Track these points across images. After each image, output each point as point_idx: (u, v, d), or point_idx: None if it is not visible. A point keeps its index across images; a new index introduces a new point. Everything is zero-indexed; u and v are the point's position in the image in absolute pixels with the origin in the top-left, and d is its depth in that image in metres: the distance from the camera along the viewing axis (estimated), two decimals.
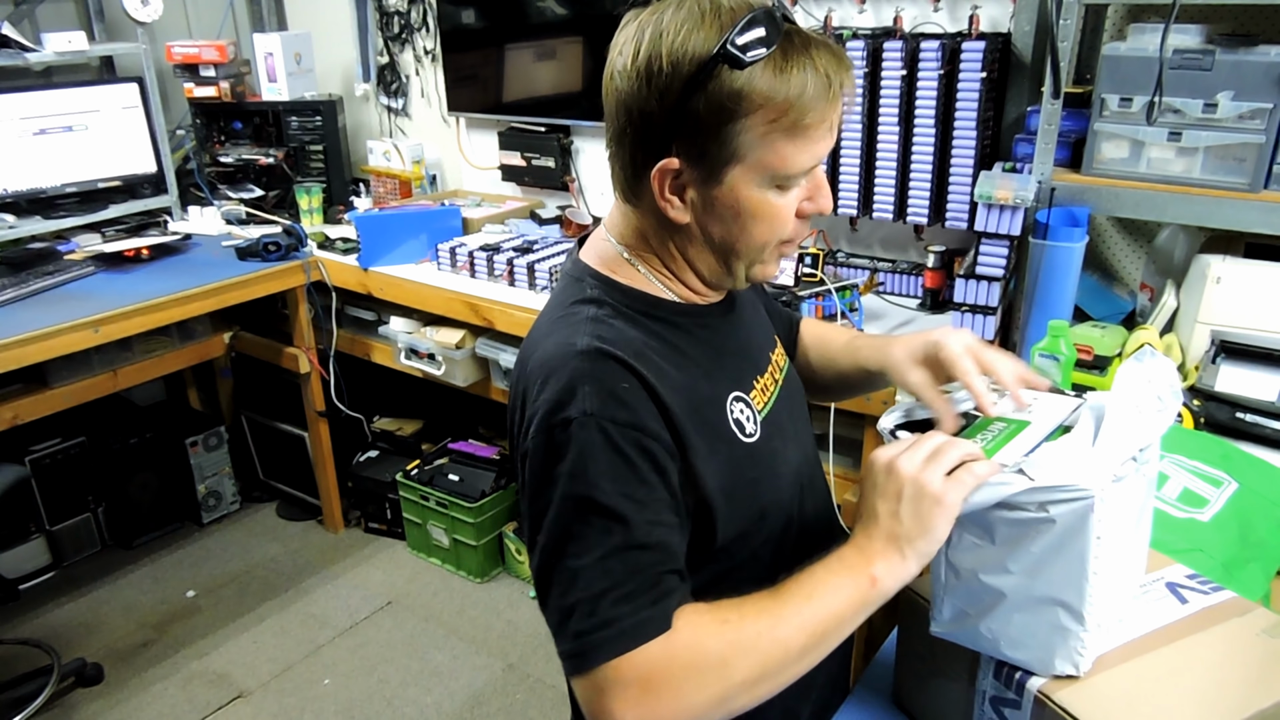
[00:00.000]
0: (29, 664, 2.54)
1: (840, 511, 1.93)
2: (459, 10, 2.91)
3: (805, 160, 0.83)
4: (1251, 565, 1.16)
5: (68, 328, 2.22)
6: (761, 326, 1.07)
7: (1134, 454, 0.81)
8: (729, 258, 0.89)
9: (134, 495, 3.09)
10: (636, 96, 0.81)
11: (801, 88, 0.79)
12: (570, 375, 0.81)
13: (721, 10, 0.80)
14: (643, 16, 0.82)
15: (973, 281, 1.75)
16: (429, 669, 2.57)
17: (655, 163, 0.83)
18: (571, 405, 0.80)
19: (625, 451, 0.79)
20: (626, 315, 0.89)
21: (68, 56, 2.77)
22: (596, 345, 0.83)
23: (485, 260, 2.47)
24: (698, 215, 0.86)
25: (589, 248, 0.96)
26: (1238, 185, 1.61)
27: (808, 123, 0.80)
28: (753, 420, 0.93)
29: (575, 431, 0.79)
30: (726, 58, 0.78)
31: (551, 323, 0.90)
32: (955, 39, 1.94)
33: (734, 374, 0.95)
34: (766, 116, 0.80)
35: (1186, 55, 1.58)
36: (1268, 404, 1.49)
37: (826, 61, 0.80)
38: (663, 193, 0.84)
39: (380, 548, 3.13)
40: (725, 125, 0.80)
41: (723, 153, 0.81)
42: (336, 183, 3.08)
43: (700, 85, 0.79)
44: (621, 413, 0.80)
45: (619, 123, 0.85)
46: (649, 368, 0.84)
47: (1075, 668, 0.83)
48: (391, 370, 2.75)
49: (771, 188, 0.84)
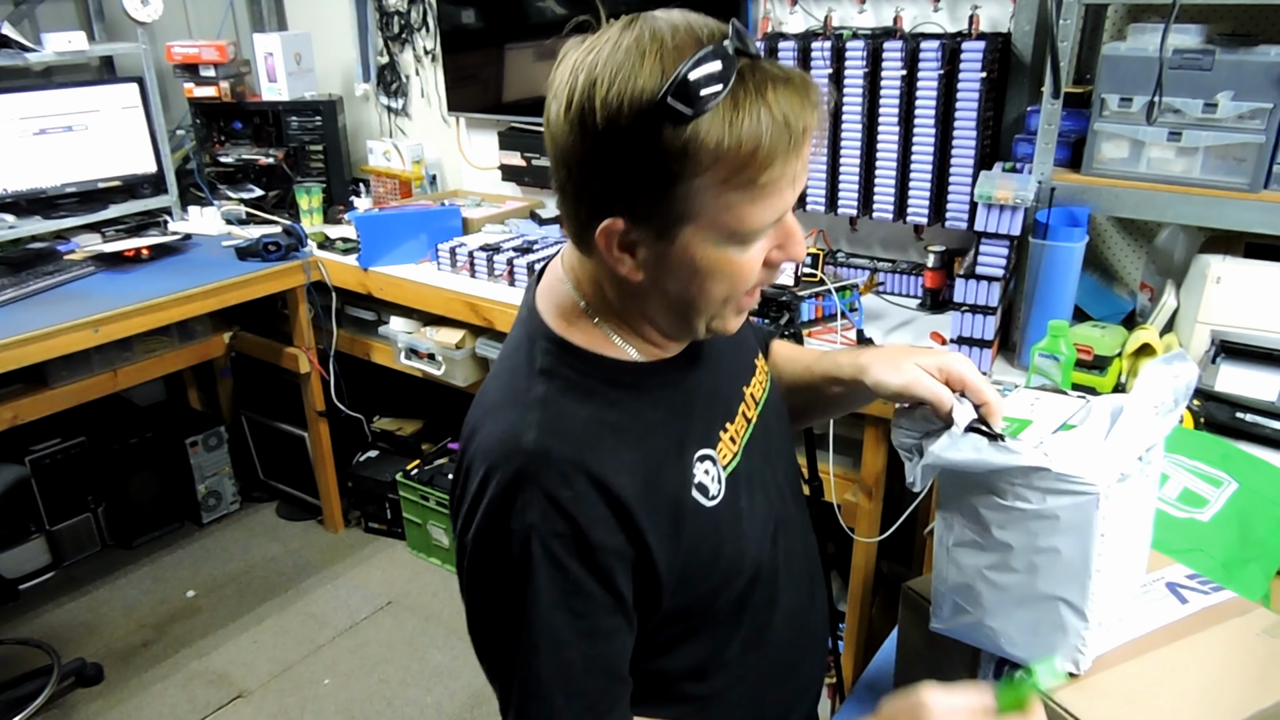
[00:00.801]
0: (29, 664, 2.54)
1: (840, 512, 1.94)
2: (459, 10, 2.90)
3: (767, 216, 0.75)
4: (1251, 565, 1.16)
5: (68, 328, 2.22)
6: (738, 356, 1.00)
7: (1141, 453, 0.82)
8: (688, 313, 0.82)
9: (134, 495, 3.09)
10: (572, 151, 0.73)
11: (756, 140, 0.69)
12: (513, 478, 0.76)
13: (664, 47, 0.70)
14: (577, 55, 0.73)
15: (973, 281, 1.75)
16: (429, 669, 2.57)
17: (599, 221, 0.75)
18: (513, 515, 0.76)
19: (564, 565, 0.76)
20: (581, 388, 0.82)
21: (68, 56, 2.77)
22: (543, 445, 0.77)
23: (485, 260, 2.47)
24: (650, 273, 0.78)
25: (545, 294, 0.88)
26: (1238, 185, 1.61)
27: (764, 181, 0.72)
28: (717, 480, 0.88)
29: (514, 544, 0.76)
30: (667, 113, 0.68)
31: (500, 396, 0.84)
32: (955, 39, 1.94)
33: (701, 430, 0.88)
34: (718, 176, 0.71)
35: (1186, 55, 1.58)
36: (1268, 404, 1.49)
37: (786, 103, 0.71)
38: (610, 251, 0.77)
39: (380, 548, 3.13)
40: (672, 184, 0.71)
41: (671, 212, 0.73)
42: (336, 183, 3.08)
43: (640, 142, 0.69)
44: (561, 524, 0.76)
45: (559, 176, 0.77)
46: (599, 458, 0.78)
47: (1076, 665, 0.83)
48: (391, 370, 2.75)
49: (731, 245, 0.76)
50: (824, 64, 2.03)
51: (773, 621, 0.95)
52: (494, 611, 0.79)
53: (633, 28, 0.72)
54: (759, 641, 0.93)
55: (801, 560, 1.01)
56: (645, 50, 0.70)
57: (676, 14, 0.73)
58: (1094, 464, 0.79)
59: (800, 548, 1.01)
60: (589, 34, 0.76)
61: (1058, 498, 0.79)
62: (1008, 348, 1.89)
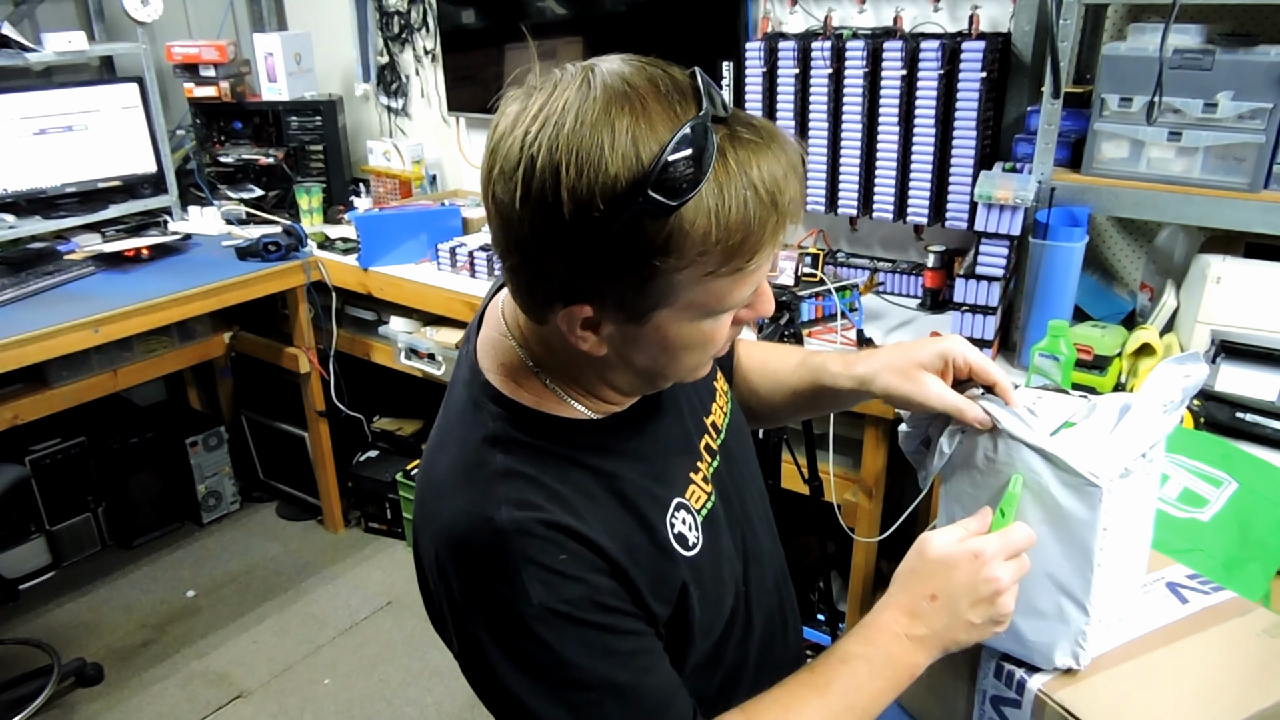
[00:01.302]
0: (29, 664, 2.54)
1: (840, 512, 1.94)
2: (459, 10, 2.90)
3: (745, 292, 0.71)
4: (1251, 565, 1.16)
5: (68, 328, 2.22)
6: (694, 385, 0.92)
7: (1145, 450, 0.82)
8: (654, 379, 0.78)
9: (134, 495, 3.09)
10: (531, 239, 0.65)
11: (745, 226, 0.64)
12: (501, 564, 0.71)
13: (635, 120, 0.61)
14: (526, 122, 0.63)
15: (973, 281, 1.75)
16: (429, 669, 2.57)
17: (560, 305, 0.68)
18: (519, 602, 0.70)
19: (590, 621, 0.72)
20: (539, 451, 0.76)
21: (68, 56, 2.76)
22: (519, 518, 0.71)
23: (485, 260, 2.47)
24: (617, 348, 0.73)
25: (487, 348, 0.81)
26: (1238, 185, 1.61)
27: (753, 267, 0.67)
28: (694, 528, 0.84)
29: (535, 628, 0.71)
30: (647, 205, 0.60)
31: (452, 471, 0.77)
32: (955, 39, 1.94)
33: (671, 478, 0.84)
34: (704, 268, 0.65)
35: (1186, 55, 1.58)
36: (1268, 404, 1.49)
37: (770, 175, 0.64)
38: (573, 332, 0.70)
39: (380, 548, 3.13)
40: (651, 280, 0.65)
41: (647, 302, 0.67)
42: (336, 183, 3.08)
43: (616, 235, 0.62)
44: (570, 588, 0.71)
45: (508, 256, 0.68)
46: (578, 520, 0.73)
47: (1076, 661, 0.83)
48: (391, 370, 2.75)
49: (706, 319, 0.71)
50: (824, 64, 2.03)
51: (747, 654, 0.93)
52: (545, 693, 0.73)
53: (589, 89, 0.63)
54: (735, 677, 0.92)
55: (772, 589, 0.99)
56: (614, 125, 0.61)
57: (631, 69, 0.65)
58: (1099, 458, 0.79)
59: (770, 574, 0.99)
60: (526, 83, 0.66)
61: (1061, 490, 0.80)
62: (1008, 348, 1.89)
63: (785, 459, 1.86)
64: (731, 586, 0.89)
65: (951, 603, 0.79)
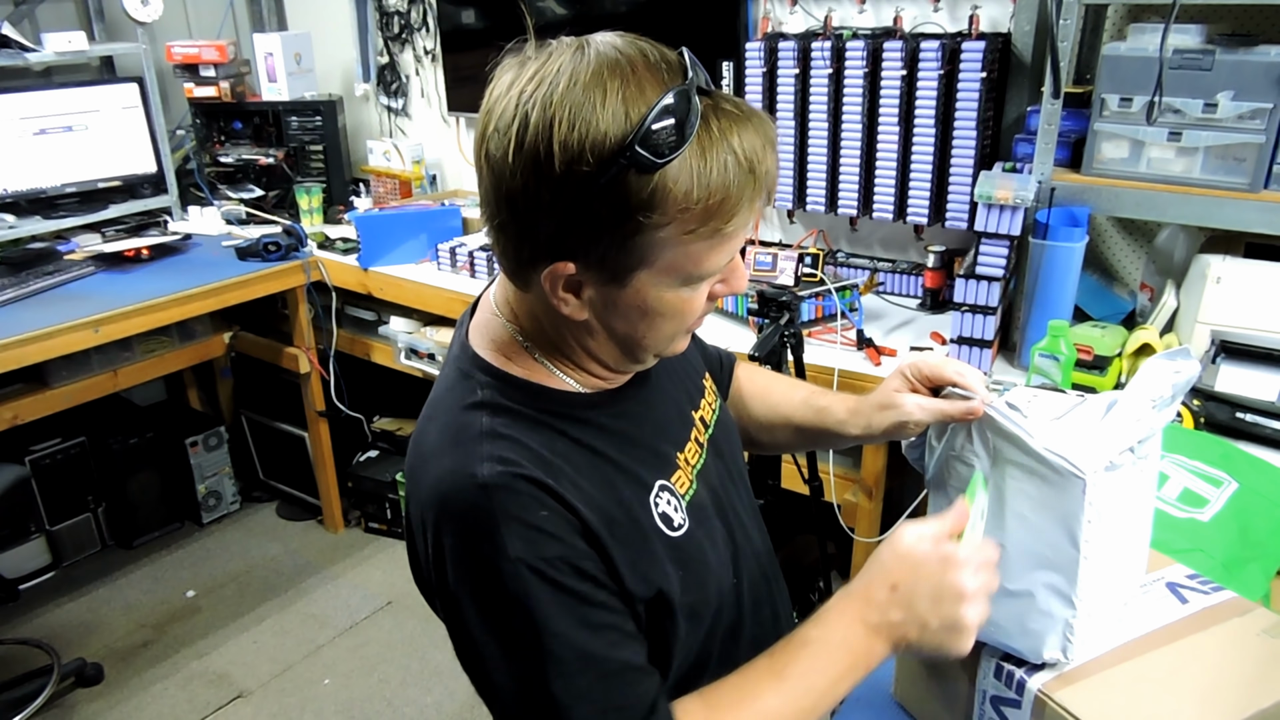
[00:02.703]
0: (29, 664, 2.54)
1: (840, 512, 1.94)
2: (459, 10, 2.91)
3: (724, 259, 0.74)
4: (1251, 565, 1.16)
5: (68, 328, 2.22)
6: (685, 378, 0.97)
7: (1132, 445, 0.82)
8: (634, 350, 0.80)
9: (134, 495, 3.09)
10: (521, 192, 0.68)
11: (725, 188, 0.68)
12: (482, 519, 0.72)
13: (625, 83, 0.66)
14: (522, 83, 0.68)
15: (973, 281, 1.75)
16: (429, 669, 2.57)
17: (544, 263, 0.71)
18: (498, 554, 0.72)
19: (566, 585, 0.73)
20: (526, 418, 0.78)
21: (68, 56, 2.76)
22: (501, 473, 0.73)
23: (485, 260, 2.47)
24: (597, 312, 0.76)
25: (479, 328, 0.84)
26: (1238, 185, 1.61)
27: (730, 230, 0.71)
28: (679, 509, 0.85)
29: (508, 583, 0.72)
30: (634, 160, 0.64)
31: (440, 437, 0.79)
32: (955, 39, 1.94)
33: (655, 461, 0.86)
34: (684, 226, 0.69)
35: (1186, 55, 1.58)
36: (1268, 404, 1.49)
37: (750, 146, 0.69)
38: (555, 292, 0.73)
39: (380, 548, 3.13)
40: (632, 232, 0.68)
41: (629, 260, 0.70)
42: (336, 183, 3.08)
43: (603, 189, 0.66)
44: (550, 546, 0.73)
45: (496, 213, 0.71)
46: (560, 484, 0.75)
47: (1064, 654, 0.83)
48: (391, 370, 2.75)
49: (684, 287, 0.74)
50: (824, 64, 2.03)
51: (738, 649, 0.93)
52: (511, 655, 0.75)
53: (582, 55, 0.68)
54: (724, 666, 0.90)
55: (763, 584, 0.99)
56: (605, 86, 0.66)
57: (624, 41, 0.70)
58: (1080, 449, 0.79)
59: (761, 572, 0.99)
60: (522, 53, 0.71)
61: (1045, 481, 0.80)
62: (1008, 348, 1.89)
63: (785, 459, 1.86)
64: (718, 574, 0.89)
65: (910, 598, 0.77)
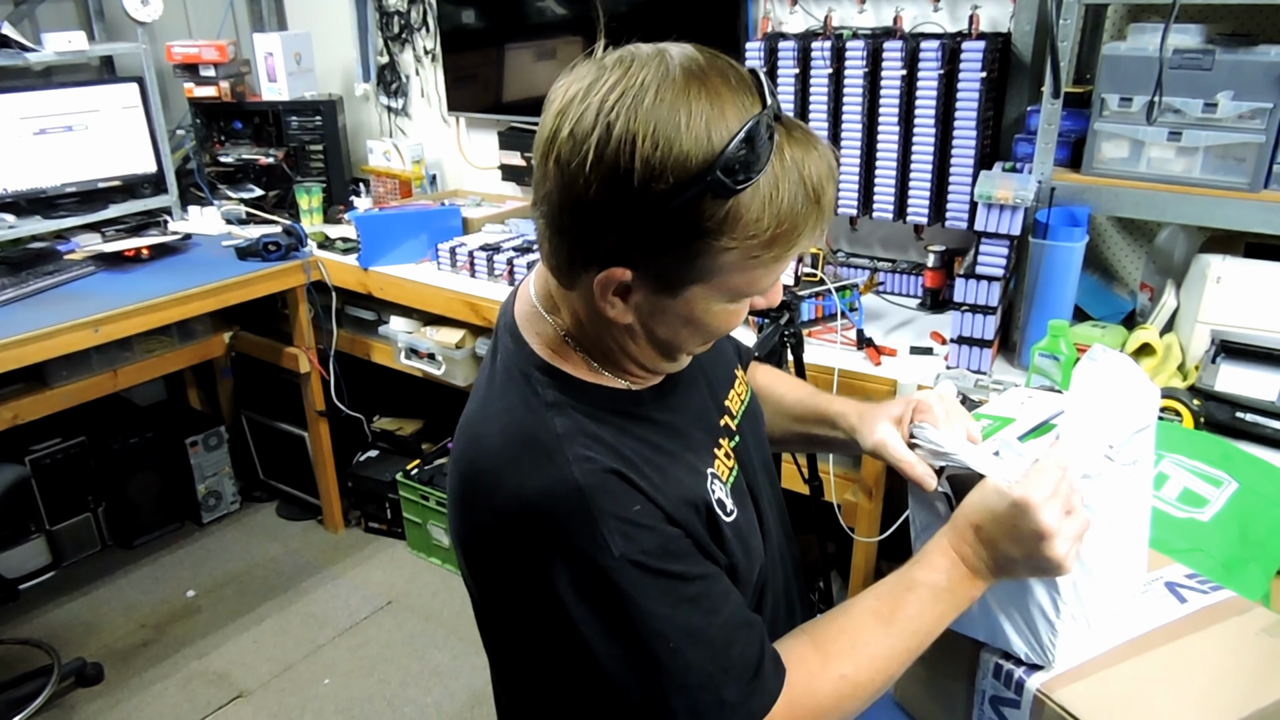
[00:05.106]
0: (29, 664, 2.54)
1: (840, 511, 1.94)
2: (459, 10, 2.91)
3: (774, 279, 0.77)
4: (1251, 565, 1.16)
5: (68, 328, 2.22)
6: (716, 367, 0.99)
7: (1105, 451, 0.81)
8: (671, 353, 0.83)
9: (134, 495, 3.09)
10: (592, 199, 0.69)
11: (794, 217, 0.70)
12: (582, 523, 0.74)
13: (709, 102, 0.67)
14: (604, 90, 0.68)
15: (973, 281, 1.75)
16: (429, 669, 2.57)
17: (599, 268, 0.72)
18: (600, 553, 0.73)
19: (667, 570, 0.76)
20: (592, 418, 0.80)
21: (68, 56, 2.76)
22: (591, 471, 0.75)
23: (485, 260, 2.47)
24: (642, 318, 0.77)
25: (527, 322, 0.85)
26: (1238, 185, 1.61)
27: (789, 255, 0.73)
28: (727, 494, 0.88)
29: (618, 581, 0.74)
30: (713, 185, 0.66)
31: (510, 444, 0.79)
32: (955, 39, 1.94)
33: (702, 451, 0.88)
34: (748, 252, 0.70)
35: (1186, 55, 1.58)
36: (1268, 404, 1.49)
37: (818, 175, 0.71)
38: (604, 297, 0.74)
39: (380, 548, 3.13)
40: (698, 256, 0.70)
41: (687, 275, 0.72)
42: (336, 182, 3.08)
43: (676, 208, 0.67)
44: (647, 538, 0.75)
45: (559, 215, 0.72)
46: (640, 478, 0.77)
47: (1047, 656, 0.84)
48: (391, 370, 2.75)
49: (731, 301, 0.77)
50: (824, 64, 2.03)
51: None
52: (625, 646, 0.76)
53: (666, 71, 0.68)
54: None
55: (780, 574, 1.01)
56: (690, 107, 0.66)
57: (704, 57, 0.70)
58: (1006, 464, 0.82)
59: (780, 560, 1.01)
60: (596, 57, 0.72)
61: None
62: (1008, 348, 1.89)
63: (785, 459, 1.86)
64: (757, 557, 0.91)
65: (992, 541, 0.81)
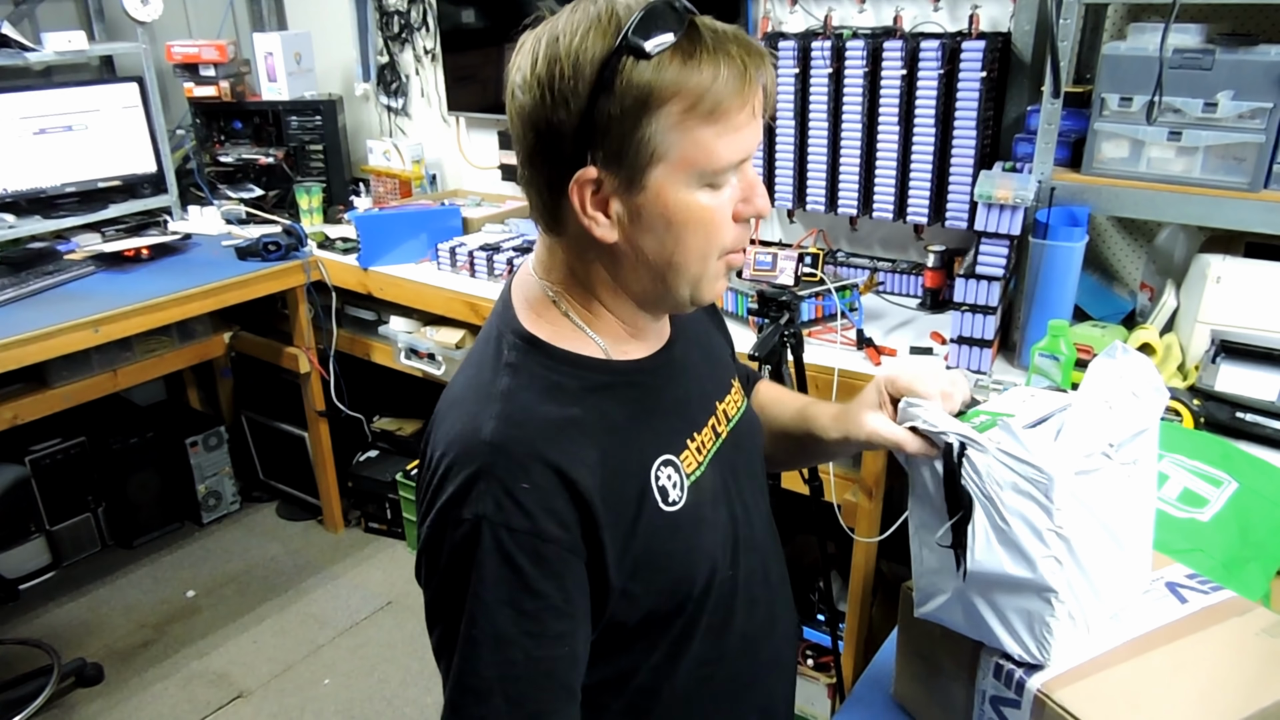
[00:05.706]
0: (29, 664, 2.54)
1: (840, 512, 1.94)
2: (459, 10, 2.91)
3: (732, 151, 0.79)
4: (1251, 565, 1.16)
5: (68, 328, 2.22)
6: (712, 371, 1.01)
7: (1104, 449, 0.81)
8: (667, 275, 0.83)
9: (134, 495, 3.09)
10: (542, 109, 0.78)
11: (714, 73, 0.76)
12: (470, 469, 0.77)
13: (617, 8, 0.77)
14: (536, 30, 0.81)
15: (973, 281, 1.75)
16: (429, 669, 2.57)
17: (571, 177, 0.78)
18: (466, 504, 0.76)
19: (515, 561, 0.76)
20: (546, 383, 0.83)
21: (68, 56, 2.77)
22: (501, 436, 0.78)
23: (485, 260, 2.47)
24: (626, 231, 0.81)
25: (519, 286, 0.92)
26: (1238, 185, 1.61)
27: (726, 107, 0.77)
28: (679, 487, 0.87)
29: (465, 533, 0.76)
30: (630, 49, 0.74)
31: (465, 389, 0.86)
32: (955, 39, 1.94)
33: (665, 436, 0.89)
34: (681, 104, 0.76)
35: (1186, 55, 1.58)
36: (1268, 404, 1.49)
37: (739, 49, 0.77)
38: (585, 208, 0.79)
39: (380, 548, 3.13)
40: (639, 121, 0.76)
41: (642, 153, 0.77)
42: (336, 182, 3.08)
43: (606, 85, 0.75)
44: (516, 518, 0.76)
45: (528, 142, 0.80)
46: (559, 449, 0.79)
47: (1042, 654, 0.83)
48: (391, 370, 2.75)
49: (700, 187, 0.79)
50: (824, 64, 2.03)
51: (725, 643, 0.93)
52: (442, 601, 0.80)
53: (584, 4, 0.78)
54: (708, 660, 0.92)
55: (763, 584, 0.99)
56: (600, 13, 0.76)
57: None
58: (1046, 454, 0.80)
59: (763, 571, 0.99)
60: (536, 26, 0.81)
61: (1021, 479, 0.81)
62: (1008, 347, 1.89)
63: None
64: (708, 559, 0.89)
65: None
